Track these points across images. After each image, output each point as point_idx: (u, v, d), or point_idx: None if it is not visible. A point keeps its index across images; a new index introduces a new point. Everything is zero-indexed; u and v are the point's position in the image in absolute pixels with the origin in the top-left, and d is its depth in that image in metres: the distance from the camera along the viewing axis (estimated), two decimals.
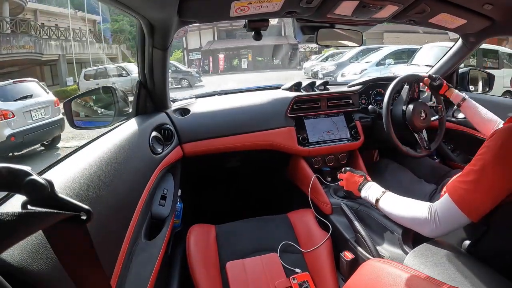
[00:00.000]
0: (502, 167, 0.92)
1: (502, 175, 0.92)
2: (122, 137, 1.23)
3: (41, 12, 19.16)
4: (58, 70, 18.55)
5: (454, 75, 2.19)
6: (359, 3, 1.32)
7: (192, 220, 1.68)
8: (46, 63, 18.41)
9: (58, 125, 6.75)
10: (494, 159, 0.93)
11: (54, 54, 17.96)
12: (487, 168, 0.94)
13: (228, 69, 27.17)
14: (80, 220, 0.48)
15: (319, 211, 1.71)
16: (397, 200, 1.22)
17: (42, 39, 17.26)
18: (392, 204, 1.22)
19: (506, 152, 0.92)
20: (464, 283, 0.87)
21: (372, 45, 14.70)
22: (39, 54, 16.78)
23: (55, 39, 18.26)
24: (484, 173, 0.94)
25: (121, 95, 1.60)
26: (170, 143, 1.61)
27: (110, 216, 0.92)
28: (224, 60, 27.29)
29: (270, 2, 1.25)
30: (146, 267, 1.08)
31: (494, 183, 0.93)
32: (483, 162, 0.95)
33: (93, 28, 23.00)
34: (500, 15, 1.48)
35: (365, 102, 2.12)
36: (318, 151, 1.93)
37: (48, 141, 6.99)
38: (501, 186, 0.93)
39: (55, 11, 20.08)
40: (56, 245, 0.50)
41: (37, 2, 19.29)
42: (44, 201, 0.45)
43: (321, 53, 20.55)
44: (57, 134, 6.99)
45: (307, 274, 1.40)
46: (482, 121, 1.63)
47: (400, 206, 1.19)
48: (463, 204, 0.97)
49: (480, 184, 0.95)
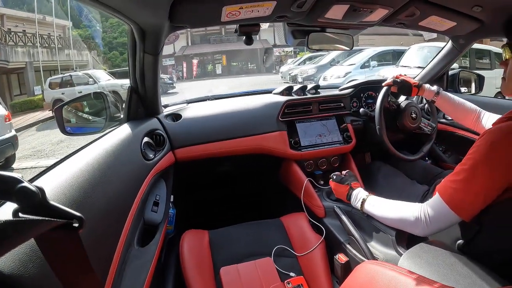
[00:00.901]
0: (492, 167, 0.93)
1: (491, 175, 0.93)
2: (113, 143, 1.22)
3: (8, 18, 18.54)
4: (25, 79, 17.99)
5: (445, 77, 2.21)
6: (350, 7, 1.33)
7: (185, 225, 1.67)
8: (13, 71, 17.82)
9: (9, 143, 5.97)
10: (484, 159, 0.94)
11: (21, 62, 17.43)
12: (477, 167, 0.95)
13: (202, 74, 27.07)
14: (72, 227, 0.47)
15: (312, 215, 1.71)
16: (381, 203, 1.27)
17: (8, 45, 16.70)
18: (377, 207, 1.28)
19: (495, 153, 0.93)
20: (458, 282, 0.87)
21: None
22: (5, 61, 16.27)
23: (21, 45, 17.71)
24: (474, 173, 0.95)
25: (112, 100, 1.59)
26: (162, 148, 1.60)
27: (103, 223, 0.91)
28: (197, 66, 27.17)
29: (261, 7, 1.25)
30: (139, 274, 1.07)
31: (484, 183, 0.94)
32: (473, 161, 0.96)
33: (63, 34, 22.58)
34: (489, 17, 1.49)
35: (357, 105, 2.13)
36: (310, 155, 1.93)
37: (1, 161, 6.12)
38: (491, 186, 0.94)
39: (22, 16, 19.53)
40: (48, 253, 0.49)
41: (3, 6, 18.70)
42: (35, 209, 0.45)
43: (297, 56, 20.57)
44: (9, 154, 6.22)
45: (301, 278, 1.40)
46: (461, 112, 1.62)
47: (386, 208, 1.24)
48: (453, 203, 0.98)
49: (470, 183, 0.96)
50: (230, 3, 1.18)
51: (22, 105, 15.46)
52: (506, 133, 0.93)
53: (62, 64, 19.36)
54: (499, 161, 0.92)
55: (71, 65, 20.15)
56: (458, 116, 1.66)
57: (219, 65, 28.38)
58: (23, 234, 0.42)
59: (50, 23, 20.68)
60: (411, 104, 1.84)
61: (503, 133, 0.94)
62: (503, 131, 0.94)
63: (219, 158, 1.87)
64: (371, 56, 11.36)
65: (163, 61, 25.63)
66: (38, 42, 18.78)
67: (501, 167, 0.92)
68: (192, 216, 2.07)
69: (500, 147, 0.92)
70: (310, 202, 1.75)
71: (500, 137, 0.93)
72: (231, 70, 28.11)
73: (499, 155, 0.92)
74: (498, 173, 0.92)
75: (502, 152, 0.92)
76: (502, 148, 0.92)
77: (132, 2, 1.08)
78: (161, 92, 1.78)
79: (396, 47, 12.02)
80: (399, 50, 11.06)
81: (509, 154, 0.91)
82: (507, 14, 1.38)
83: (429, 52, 8.22)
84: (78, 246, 0.50)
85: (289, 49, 25.18)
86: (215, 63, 28.53)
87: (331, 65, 12.61)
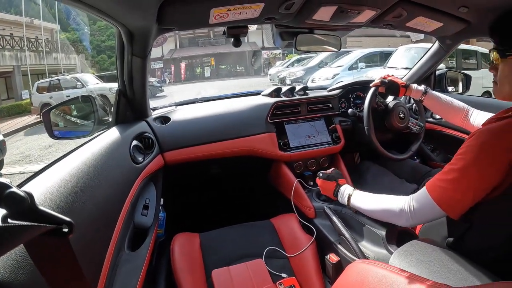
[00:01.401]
0: (481, 167, 0.94)
1: (480, 176, 0.94)
2: (102, 146, 1.21)
3: None
4: (12, 83, 17.70)
5: (432, 77, 2.24)
6: (338, 9, 1.34)
7: (175, 229, 1.66)
8: (0, 76, 17.59)
9: None
10: (474, 160, 0.95)
11: (8, 66, 17.12)
12: (466, 168, 0.96)
13: (191, 77, 26.95)
14: (62, 232, 0.47)
15: (302, 215, 1.71)
16: (367, 196, 1.32)
17: None
18: (363, 201, 1.32)
19: (485, 153, 0.94)
20: (449, 279, 0.88)
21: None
22: None
23: (9, 49, 17.40)
24: (463, 173, 0.96)
25: (101, 104, 1.58)
26: (151, 152, 1.59)
27: (92, 228, 0.91)
28: (185, 69, 27.05)
29: (249, 9, 1.25)
30: (131, 278, 1.06)
31: (473, 183, 0.95)
32: (463, 162, 0.97)
33: (50, 38, 22.26)
34: (475, 17, 1.51)
35: (345, 106, 2.15)
36: (300, 156, 1.94)
37: None
38: (479, 186, 0.95)
39: (10, 19, 19.18)
40: (38, 259, 0.48)
41: None
42: (24, 214, 0.44)
43: (285, 58, 20.59)
44: None
45: (293, 278, 1.40)
46: (450, 110, 1.63)
47: (371, 201, 1.28)
48: (441, 201, 1.00)
49: (460, 183, 0.97)
50: (218, 5, 1.18)
51: (9, 110, 15.22)
52: (495, 134, 0.95)
53: (50, 68, 19.06)
54: (488, 161, 0.93)
55: (59, 69, 19.80)
56: (446, 114, 1.67)
57: (208, 68, 28.30)
58: (13, 240, 0.41)
59: (37, 26, 20.31)
60: (399, 104, 1.86)
61: (492, 134, 0.95)
62: (492, 131, 0.96)
63: (209, 160, 1.87)
64: (359, 57, 11.41)
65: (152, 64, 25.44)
66: (26, 45, 18.45)
67: (490, 167, 0.93)
68: (182, 219, 2.06)
69: (489, 148, 0.94)
70: (300, 203, 1.75)
71: (490, 138, 0.95)
72: (220, 73, 28.08)
73: (488, 156, 0.94)
74: (487, 173, 0.94)
75: (491, 153, 0.93)
76: (491, 149, 0.93)
77: (120, 4, 1.07)
78: (150, 95, 1.77)
79: (384, 49, 12.10)
80: (386, 52, 11.14)
81: (498, 155, 0.92)
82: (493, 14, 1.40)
83: (416, 53, 8.31)
84: (68, 252, 0.50)
85: (278, 51, 25.19)
86: (204, 66, 28.45)
87: (319, 67, 12.61)
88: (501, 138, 0.93)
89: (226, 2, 1.18)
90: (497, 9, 1.32)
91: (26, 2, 19.79)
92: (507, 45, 1.01)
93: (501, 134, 0.94)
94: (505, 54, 1.01)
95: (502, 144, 0.92)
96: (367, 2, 1.34)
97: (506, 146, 0.91)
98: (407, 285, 0.77)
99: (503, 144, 0.92)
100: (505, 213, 0.96)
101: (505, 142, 0.92)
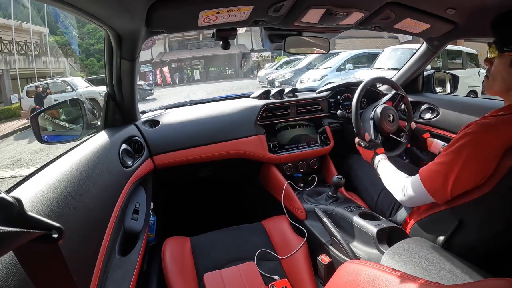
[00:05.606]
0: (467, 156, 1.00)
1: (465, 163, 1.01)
2: (91, 151, 1.20)
3: None
4: (1, 87, 17.40)
5: (420, 78, 2.26)
6: (326, 11, 1.35)
7: (166, 233, 1.65)
8: None
9: None
10: (462, 148, 1.02)
11: None
12: (454, 152, 1.04)
13: (180, 80, 26.79)
14: (51, 238, 0.46)
15: (293, 217, 1.72)
16: (387, 168, 1.46)
17: None
18: (383, 169, 1.48)
19: (474, 144, 1.00)
20: (441, 277, 0.89)
21: None
22: None
23: None
24: (450, 158, 1.04)
25: (89, 107, 1.56)
26: (140, 155, 1.58)
27: (82, 233, 0.89)
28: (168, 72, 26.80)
29: (237, 11, 1.25)
30: (122, 283, 1.05)
31: (457, 169, 1.02)
32: (452, 148, 1.05)
33: (39, 41, 21.93)
34: (463, 18, 1.53)
35: (334, 108, 2.16)
36: (289, 158, 1.94)
37: None
38: (467, 178, 1.01)
39: None
40: (28, 266, 0.47)
41: None
42: (13, 220, 0.43)
43: (274, 61, 20.63)
44: None
45: (285, 280, 1.40)
46: None
47: (388, 172, 1.43)
48: (426, 181, 1.11)
49: (445, 166, 1.06)
50: (206, 8, 1.18)
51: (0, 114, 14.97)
52: (485, 128, 1.00)
53: (39, 72, 18.87)
54: (475, 152, 0.99)
55: (48, 72, 19.61)
56: None
57: (197, 70, 28.19)
58: (1, 247, 0.41)
59: (26, 29, 19.99)
60: (387, 107, 1.87)
61: (483, 127, 1.00)
62: (484, 125, 1.01)
63: (199, 163, 1.86)
64: (346, 59, 11.49)
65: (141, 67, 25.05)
66: (15, 49, 18.13)
67: (476, 158, 0.99)
68: (173, 223, 2.05)
69: (479, 139, 1.00)
70: (290, 204, 1.76)
71: (480, 131, 1.00)
72: (209, 75, 27.97)
73: (476, 147, 0.99)
74: (471, 162, 1.00)
75: (479, 145, 0.99)
76: (481, 141, 0.99)
77: (108, 7, 1.06)
78: (140, 98, 1.76)
79: (371, 50, 12.19)
80: (374, 53, 11.23)
81: (486, 148, 0.97)
82: (480, 16, 1.42)
83: (402, 54, 8.42)
84: (58, 258, 0.49)
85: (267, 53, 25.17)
86: (193, 68, 28.32)
87: (307, 69, 12.67)
88: (490, 132, 0.98)
89: (215, 5, 1.18)
90: (484, 10, 1.34)
91: (14, 5, 19.46)
92: (507, 42, 1.03)
93: (490, 128, 0.99)
94: (503, 49, 1.04)
95: (492, 138, 0.98)
96: (355, 4, 1.35)
97: (495, 140, 0.95)
98: (399, 285, 0.78)
99: (492, 138, 0.97)
100: (494, 210, 0.98)
101: (495, 136, 0.97)
